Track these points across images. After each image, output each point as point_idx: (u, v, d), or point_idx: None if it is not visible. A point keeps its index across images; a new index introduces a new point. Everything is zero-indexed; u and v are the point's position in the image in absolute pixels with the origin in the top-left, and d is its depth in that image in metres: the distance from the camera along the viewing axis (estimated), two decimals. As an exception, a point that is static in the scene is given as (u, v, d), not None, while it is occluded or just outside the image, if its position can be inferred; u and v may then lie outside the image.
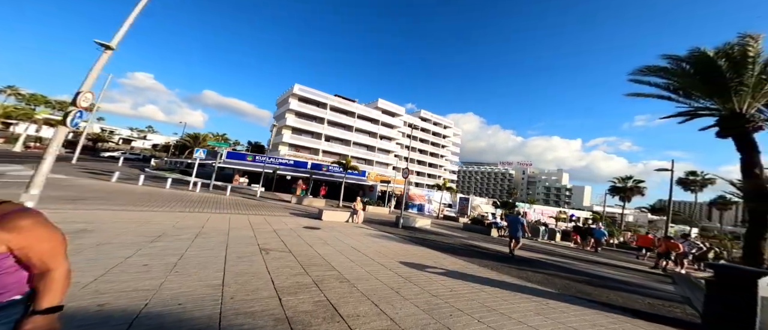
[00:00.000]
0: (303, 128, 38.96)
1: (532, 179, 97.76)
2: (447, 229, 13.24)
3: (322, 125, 41.10)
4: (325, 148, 40.69)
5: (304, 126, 39.41)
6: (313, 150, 39.49)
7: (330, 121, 42.27)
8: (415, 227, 11.81)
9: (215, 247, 4.26)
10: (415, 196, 27.58)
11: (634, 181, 43.26)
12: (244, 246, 4.55)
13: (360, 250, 5.48)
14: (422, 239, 8.35)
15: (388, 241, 7.05)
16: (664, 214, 62.61)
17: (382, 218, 13.79)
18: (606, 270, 7.64)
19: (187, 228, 5.42)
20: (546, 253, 9.55)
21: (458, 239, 9.88)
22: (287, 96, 39.73)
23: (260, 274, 3.32)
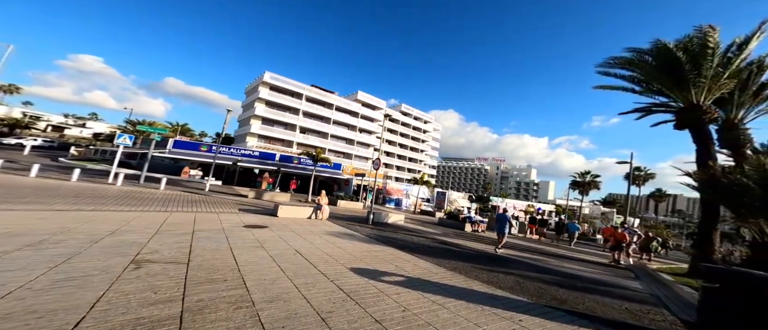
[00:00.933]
0: (275, 119, 36.11)
1: (505, 174, 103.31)
2: (421, 225, 12.66)
3: (297, 116, 38.52)
4: (301, 140, 38.29)
5: (277, 116, 36.56)
6: (286, 142, 36.89)
7: (306, 112, 39.78)
8: (386, 223, 11.00)
9: (50, 260, 2.90)
10: (392, 191, 26.94)
11: (591, 176, 47.69)
12: (108, 257, 3.25)
13: (304, 255, 4.43)
14: (390, 237, 7.51)
15: (348, 241, 6.07)
16: (614, 206, 69.87)
17: (354, 214, 12.78)
18: (573, 266, 7.46)
19: (40, 232, 3.89)
20: (519, 250, 9.30)
21: (430, 236, 9.24)
22: (257, 84, 36.42)
23: (80, 306, 2.10)
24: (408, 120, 60.08)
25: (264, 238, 5.32)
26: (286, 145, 36.29)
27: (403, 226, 11.08)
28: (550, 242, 13.96)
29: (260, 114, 34.79)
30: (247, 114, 36.02)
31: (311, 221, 8.37)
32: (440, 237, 9.29)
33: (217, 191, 13.97)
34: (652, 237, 11.37)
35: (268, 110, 35.88)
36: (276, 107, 36.78)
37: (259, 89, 35.13)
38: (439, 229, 12.22)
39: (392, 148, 57.04)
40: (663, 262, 12.12)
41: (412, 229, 10.24)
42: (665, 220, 59.03)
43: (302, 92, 39.42)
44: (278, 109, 36.91)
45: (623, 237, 8.46)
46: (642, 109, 14.94)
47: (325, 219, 9.07)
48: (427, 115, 64.03)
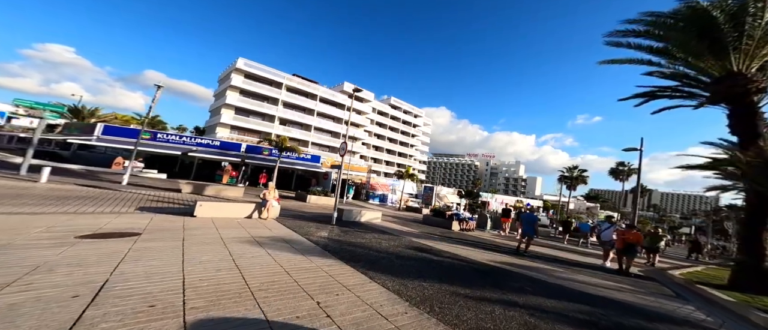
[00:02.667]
0: (250, 109, 33.09)
1: (494, 170, 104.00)
2: (401, 223, 10.81)
3: (276, 107, 35.61)
4: (281, 132, 35.48)
5: (253, 106, 33.52)
6: (263, 134, 34.01)
7: (286, 102, 36.92)
8: (357, 222, 9.06)
9: None
10: (377, 186, 25.02)
11: (578, 171, 48.07)
12: None
13: (136, 286, 2.36)
14: (350, 244, 5.56)
15: (276, 253, 4.10)
16: (598, 201, 71.58)
17: (323, 211, 10.72)
18: (589, 280, 5.80)
19: None
20: (508, 254, 7.60)
21: (407, 238, 7.37)
22: (229, 71, 33.11)
23: None
24: (397, 113, 58.12)
25: (106, 254, 3.21)
26: (263, 138, 33.46)
27: (377, 225, 9.16)
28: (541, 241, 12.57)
29: (232, 103, 31.70)
30: (218, 103, 32.83)
31: (248, 222, 6.28)
32: (419, 240, 7.44)
33: (147, 186, 11.25)
34: (660, 234, 9.61)
35: (243, 99, 32.81)
36: (252, 96, 33.74)
37: (232, 77, 31.96)
38: (421, 228, 10.41)
39: (381, 142, 55.05)
40: (669, 262, 10.89)
41: (386, 230, 8.34)
42: (642, 214, 60.90)
43: (281, 81, 36.48)
44: (254, 98, 33.89)
45: (638, 238, 6.90)
46: (645, 94, 13.53)
47: (271, 218, 6.99)
48: (418, 110, 62.26)
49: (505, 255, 6.95)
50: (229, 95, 31.52)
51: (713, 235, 44.18)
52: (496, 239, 10.50)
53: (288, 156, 20.99)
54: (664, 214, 69.96)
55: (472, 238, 9.83)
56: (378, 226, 9.05)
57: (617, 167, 49.46)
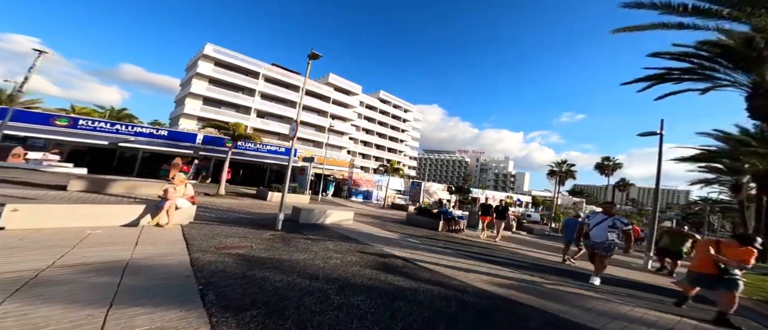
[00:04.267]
0: (222, 99, 29.98)
1: (484, 167, 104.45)
2: (379, 225, 8.90)
3: (253, 98, 32.64)
4: (258, 125, 32.60)
5: (226, 97, 30.43)
6: (238, 127, 31.05)
7: (264, 94, 34.01)
8: (318, 225, 7.06)
9: None
10: (361, 181, 23.02)
11: (567, 165, 48.17)
12: None
13: None
14: (264, 268, 3.54)
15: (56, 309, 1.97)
16: (583, 196, 73.85)
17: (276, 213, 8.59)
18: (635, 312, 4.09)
19: None
20: (502, 263, 5.87)
21: (372, 248, 5.44)
22: (197, 59, 29.77)
23: None
24: (387, 108, 56.04)
25: None
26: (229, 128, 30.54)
27: (343, 229, 7.18)
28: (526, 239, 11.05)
29: (200, 92, 28.52)
30: (183, 93, 29.54)
31: (120, 233, 4.11)
32: (392, 249, 5.53)
33: (19, 182, 8.39)
34: (686, 232, 6.79)
35: (213, 89, 29.66)
36: (223, 86, 30.61)
37: (199, 64, 28.71)
38: (403, 230, 8.53)
39: (369, 137, 52.93)
40: None
41: (352, 236, 6.38)
42: (623, 208, 62.38)
43: (258, 71, 33.47)
44: (227, 88, 30.77)
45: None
46: (653, 76, 12.16)
47: (174, 225, 4.84)
48: (408, 104, 60.40)
49: (510, 269, 5.17)
50: (194, 84, 28.29)
51: (693, 228, 44.80)
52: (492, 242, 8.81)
53: (275, 151, 18.62)
54: (641, 208, 72.39)
55: (463, 241, 8.07)
56: (344, 230, 7.08)
57: (603, 162, 50.19)
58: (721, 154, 18.05)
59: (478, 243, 8.02)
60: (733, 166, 23.50)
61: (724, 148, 17.88)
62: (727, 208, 39.31)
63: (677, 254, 6.60)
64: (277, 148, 19.67)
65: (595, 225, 4.76)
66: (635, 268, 7.20)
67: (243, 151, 17.17)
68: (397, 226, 9.16)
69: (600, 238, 4.65)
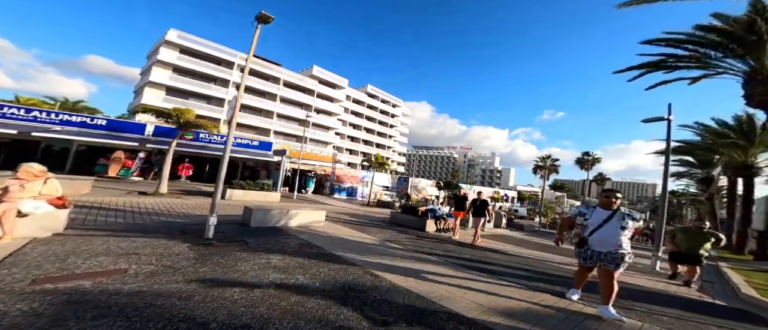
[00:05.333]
0: (189, 90, 27.11)
1: (472, 163, 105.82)
2: (356, 226, 7.55)
3: (226, 88, 29.91)
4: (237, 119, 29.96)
5: (195, 87, 27.56)
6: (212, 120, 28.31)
7: (240, 85, 31.26)
8: (273, 229, 5.59)
9: None
10: (344, 177, 21.49)
11: (551, 160, 49.29)
12: None
13: None
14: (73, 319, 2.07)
15: None
16: (564, 191, 77.49)
17: (231, 213, 6.99)
18: None
19: None
20: (534, 283, 4.74)
21: (332, 267, 4.13)
22: (158, 45, 26.59)
23: None
24: (375, 102, 54.44)
25: None
26: (210, 125, 27.84)
27: (306, 234, 5.76)
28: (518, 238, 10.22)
29: (161, 82, 25.53)
30: (142, 82, 26.40)
31: None
32: (362, 261, 4.21)
33: None
34: (707, 231, 5.11)
35: (179, 78, 26.72)
36: (191, 75, 27.69)
37: (160, 51, 25.65)
38: (384, 233, 7.24)
39: (357, 133, 51.21)
40: None
41: (312, 244, 5.00)
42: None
43: (233, 60, 30.72)
44: (196, 78, 27.87)
45: None
46: (647, 64, 11.69)
47: (8, 239, 3.18)
48: (397, 99, 59.06)
49: (516, 282, 3.99)
50: (155, 72, 25.26)
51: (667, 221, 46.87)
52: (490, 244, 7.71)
53: (249, 146, 16.55)
54: None
55: (454, 243, 6.91)
56: (310, 234, 5.66)
57: (583, 157, 51.86)
58: (700, 147, 18.40)
59: (470, 246, 6.89)
60: (705, 159, 24.49)
61: (701, 140, 18.23)
62: (695, 200, 41.72)
63: (696, 259, 4.88)
64: (250, 142, 17.66)
65: (598, 225, 2.97)
66: (641, 270, 6.32)
67: (206, 144, 15.09)
68: (378, 228, 7.86)
69: (609, 244, 2.88)
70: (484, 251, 6.34)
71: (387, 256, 4.73)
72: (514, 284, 3.90)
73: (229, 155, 4.97)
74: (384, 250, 5.22)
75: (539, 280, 4.28)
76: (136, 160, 12.63)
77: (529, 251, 7.25)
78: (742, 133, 15.16)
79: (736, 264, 9.32)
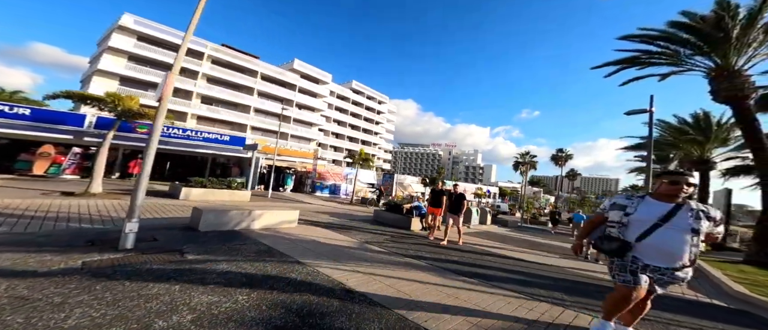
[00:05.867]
0: (149, 81, 24.29)
1: (456, 160, 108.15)
2: (336, 227, 6.71)
3: (194, 80, 27.31)
4: (204, 112, 27.53)
5: (156, 78, 24.75)
6: (176, 114, 25.67)
7: (211, 77, 28.79)
8: (231, 232, 4.61)
9: None
10: (327, 174, 20.39)
11: (529, 157, 51.35)
12: None
13: None
14: None
15: None
16: (541, 186, 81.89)
17: (179, 216, 5.82)
18: None
19: None
20: (544, 291, 4.21)
21: (293, 276, 3.29)
22: (111, 31, 23.46)
23: None
24: (360, 99, 53.19)
25: None
26: (177, 117, 25.14)
27: (270, 238, 4.84)
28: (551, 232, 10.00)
29: (113, 70, 22.64)
30: (90, 70, 23.25)
31: None
32: (333, 270, 3.38)
33: None
34: None
35: (137, 68, 23.82)
36: (152, 65, 24.83)
37: (112, 37, 22.69)
38: (363, 235, 6.46)
39: (342, 129, 49.78)
40: None
41: (277, 250, 4.12)
42: (569, 196, 68.90)
43: (203, 50, 28.11)
44: (159, 68, 25.03)
45: None
46: (622, 60, 11.87)
47: None
48: (382, 96, 58.20)
49: (522, 290, 3.42)
50: (105, 60, 22.32)
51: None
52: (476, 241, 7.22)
53: (189, 136, 14.70)
54: (584, 196, 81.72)
55: (442, 245, 6.33)
56: (274, 238, 4.73)
57: (557, 153, 54.70)
58: (663, 143, 19.65)
59: (459, 246, 6.35)
60: (662, 155, 26.49)
61: (663, 136, 19.49)
62: None
63: None
64: (219, 136, 15.96)
65: (653, 225, 1.89)
66: None
67: (166, 139, 13.30)
68: (358, 229, 7.07)
69: (672, 256, 1.87)
70: (473, 252, 5.80)
71: (365, 262, 3.98)
72: (522, 293, 3.32)
73: (197, 151, 3.89)
74: (362, 254, 4.46)
75: (535, 285, 3.77)
76: (70, 156, 10.67)
77: (518, 251, 6.82)
78: (700, 129, 16.26)
79: (712, 255, 9.70)
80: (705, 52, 9.62)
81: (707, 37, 9.21)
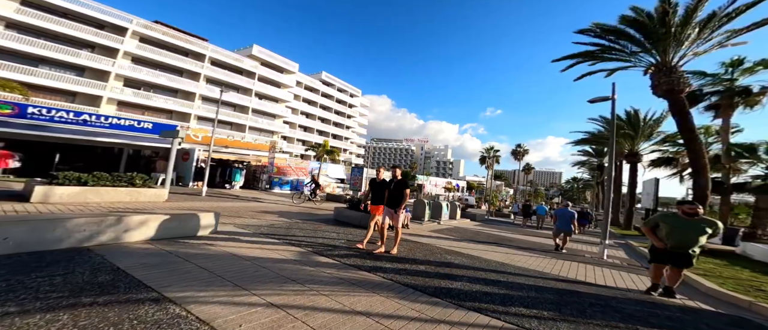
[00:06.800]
0: (42, 55, 18.64)
1: (428, 155, 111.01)
2: (274, 233, 5.04)
3: (113, 59, 22.02)
4: (129, 98, 22.42)
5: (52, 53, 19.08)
6: (89, 98, 20.36)
7: (138, 57, 23.58)
8: (62, 252, 2.62)
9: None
10: (287, 169, 18.04)
11: (494, 152, 54.37)
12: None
13: None
14: None
15: None
16: (502, 180, 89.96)
17: None
18: None
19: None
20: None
21: None
22: None
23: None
24: (331, 91, 50.15)
25: None
26: (88, 102, 19.85)
27: (107, 269, 3.01)
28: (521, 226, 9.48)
29: None
30: None
31: None
32: (238, 307, 1.83)
33: None
34: (707, 217, 3.57)
35: (24, 39, 18.07)
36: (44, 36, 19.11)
37: None
38: (317, 237, 4.93)
39: (311, 122, 46.45)
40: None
41: (144, 284, 2.35)
42: (525, 188, 75.44)
43: (126, 26, 22.80)
44: (54, 40, 19.35)
45: None
46: (578, 54, 12.06)
47: None
48: (355, 89, 55.80)
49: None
50: None
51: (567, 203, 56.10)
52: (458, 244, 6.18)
53: (89, 122, 11.14)
54: (536, 187, 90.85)
55: (408, 246, 5.12)
56: (148, 256, 2.91)
57: (517, 149, 59.12)
58: (601, 137, 21.66)
59: (427, 245, 5.23)
60: (599, 149, 29.68)
61: (600, 132, 21.49)
62: (589, 185, 51.87)
63: (686, 259, 3.34)
64: (134, 124, 12.55)
65: None
66: (585, 261, 5.48)
67: (45, 123, 9.76)
68: (312, 232, 5.49)
69: None
70: (441, 261, 4.68)
71: (294, 284, 2.52)
72: (494, 319, 2.18)
73: (98, 139, 1.96)
74: (297, 270, 2.97)
75: (519, 302, 2.76)
76: None
77: (490, 252, 6.02)
78: (631, 125, 18.10)
79: (644, 241, 10.11)
80: (647, 49, 10.09)
81: (651, 34, 9.61)
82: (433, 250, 4.91)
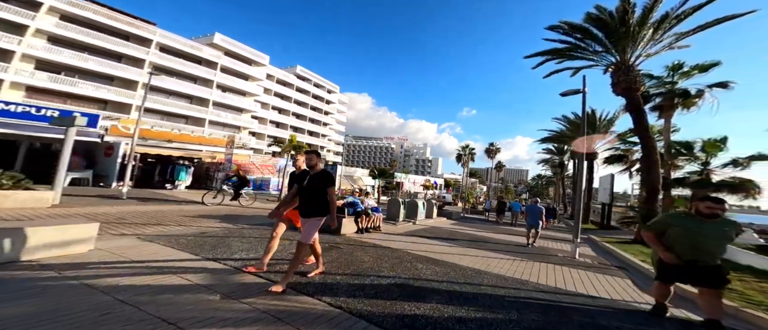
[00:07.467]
0: None
1: (407, 153, 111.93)
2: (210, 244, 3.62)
3: (20, 36, 17.81)
4: (44, 84, 18.32)
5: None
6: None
7: (60, 38, 19.46)
8: None
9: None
10: (251, 166, 16.00)
11: (470, 150, 55.95)
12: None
13: None
14: None
15: None
16: (477, 177, 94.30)
17: None
18: None
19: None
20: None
21: None
22: None
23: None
24: (306, 86, 47.28)
25: None
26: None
27: None
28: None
29: None
30: None
31: None
32: None
33: None
34: (727, 218, 2.63)
35: None
36: None
37: None
38: (240, 255, 3.65)
39: (284, 118, 43.39)
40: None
41: None
42: (497, 185, 79.62)
43: (42, 1, 18.58)
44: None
45: None
46: (547, 51, 11.85)
47: None
48: (333, 85, 53.35)
49: None
50: None
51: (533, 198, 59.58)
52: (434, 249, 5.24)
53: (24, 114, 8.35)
54: (507, 184, 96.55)
55: (377, 251, 4.09)
56: None
57: (490, 147, 61.71)
58: (564, 136, 22.93)
59: (397, 252, 4.25)
60: (560, 148, 31.56)
61: (562, 131, 22.75)
62: (551, 181, 55.95)
63: (716, 275, 2.44)
64: (32, 111, 9.79)
65: None
66: (561, 262, 4.97)
67: None
68: (258, 242, 4.19)
69: None
70: (407, 280, 3.74)
71: (193, 327, 1.27)
72: None
73: None
74: (202, 305, 1.74)
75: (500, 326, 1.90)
76: None
77: (467, 257, 5.26)
78: (589, 124, 19.26)
79: (602, 235, 10.21)
80: (608, 48, 10.30)
81: (613, 33, 9.79)
82: (402, 258, 3.95)
